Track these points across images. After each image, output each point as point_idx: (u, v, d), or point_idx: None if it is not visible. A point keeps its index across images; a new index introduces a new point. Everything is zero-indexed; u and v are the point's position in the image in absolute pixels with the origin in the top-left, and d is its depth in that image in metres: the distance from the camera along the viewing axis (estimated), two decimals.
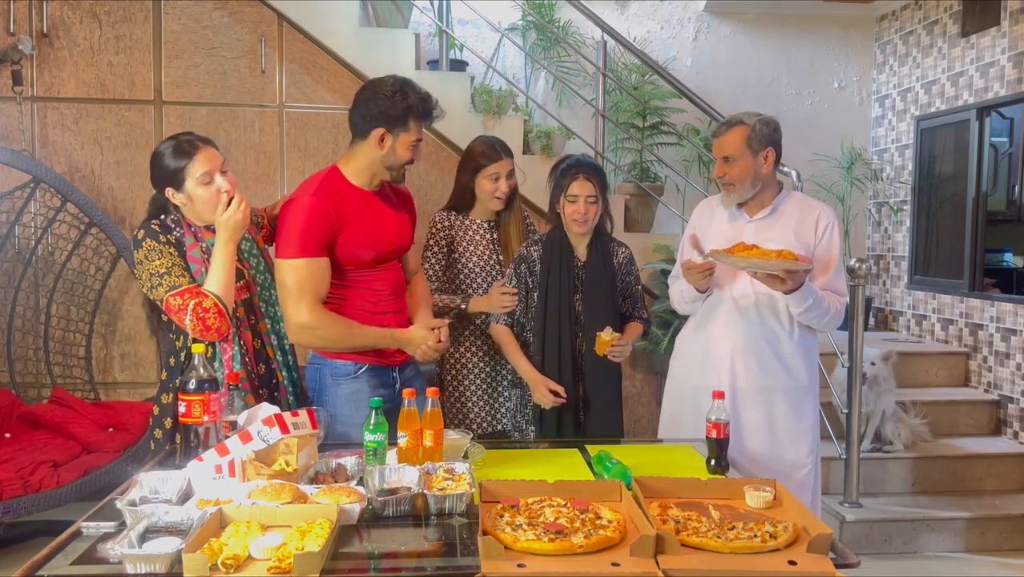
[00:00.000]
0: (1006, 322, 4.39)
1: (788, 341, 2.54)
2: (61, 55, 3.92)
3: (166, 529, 1.56)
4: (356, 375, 2.40)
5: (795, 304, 2.44)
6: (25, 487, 3.11)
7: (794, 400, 2.57)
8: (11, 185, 3.74)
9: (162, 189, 2.24)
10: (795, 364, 2.56)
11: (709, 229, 2.63)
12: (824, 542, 1.52)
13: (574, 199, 2.61)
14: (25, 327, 3.91)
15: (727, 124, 2.56)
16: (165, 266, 2.18)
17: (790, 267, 2.29)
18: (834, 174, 5.30)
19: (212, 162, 2.22)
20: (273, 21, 3.99)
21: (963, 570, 3.57)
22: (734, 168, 2.52)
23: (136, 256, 2.23)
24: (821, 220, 2.54)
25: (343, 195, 2.34)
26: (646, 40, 5.40)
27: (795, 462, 2.57)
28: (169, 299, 2.17)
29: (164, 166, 2.21)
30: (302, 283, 2.26)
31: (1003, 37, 4.48)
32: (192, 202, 2.23)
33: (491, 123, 4.11)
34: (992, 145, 4.88)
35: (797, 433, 2.58)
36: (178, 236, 2.25)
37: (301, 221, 2.27)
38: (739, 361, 2.54)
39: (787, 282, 2.32)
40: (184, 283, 2.17)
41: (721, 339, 2.56)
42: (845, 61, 5.64)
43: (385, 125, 2.32)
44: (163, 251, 2.19)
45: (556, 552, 1.50)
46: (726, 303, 2.57)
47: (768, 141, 2.51)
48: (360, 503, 1.67)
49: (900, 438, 4.03)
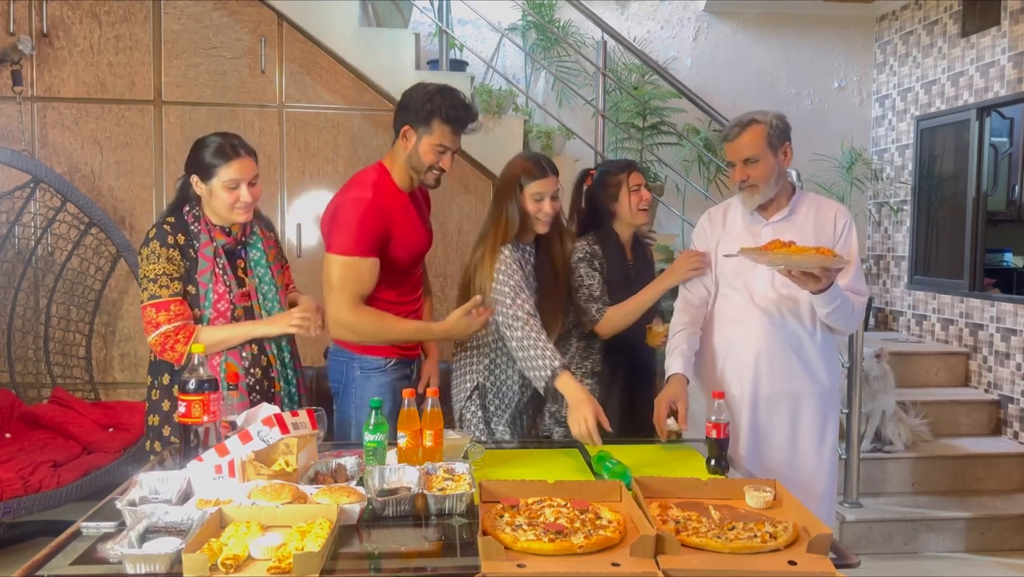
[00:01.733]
0: (1006, 322, 4.39)
1: (811, 344, 2.45)
2: (61, 55, 3.92)
3: (166, 529, 1.56)
4: (386, 369, 2.48)
5: (824, 304, 2.33)
6: (25, 487, 3.11)
7: (818, 406, 2.47)
8: (11, 185, 3.74)
9: (190, 174, 2.30)
10: (818, 368, 2.46)
11: (722, 237, 2.52)
12: (824, 542, 1.52)
13: (636, 189, 2.68)
14: (25, 327, 3.91)
15: (741, 125, 2.42)
16: (155, 272, 2.22)
17: (829, 263, 2.19)
18: (834, 174, 5.31)
19: (244, 172, 2.26)
20: (273, 21, 3.99)
21: (963, 570, 3.57)
22: (757, 169, 2.40)
23: (141, 253, 2.27)
24: (839, 219, 2.46)
25: (392, 196, 2.40)
26: (646, 40, 5.40)
27: (815, 471, 2.47)
28: (147, 307, 2.22)
29: (201, 157, 2.27)
30: (346, 281, 2.32)
31: (1003, 37, 4.48)
32: (211, 199, 2.28)
33: (491, 123, 4.11)
34: (992, 145, 4.88)
35: (820, 441, 2.48)
36: (194, 231, 2.28)
37: (357, 219, 2.31)
38: (763, 366, 2.44)
39: (821, 280, 2.22)
40: (165, 295, 2.21)
41: (743, 344, 2.46)
42: (845, 61, 5.64)
43: (411, 122, 2.36)
44: (160, 255, 2.22)
45: (556, 552, 1.50)
46: (748, 306, 2.46)
47: (784, 136, 2.44)
48: (360, 503, 1.67)
49: (900, 438, 4.03)
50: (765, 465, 2.44)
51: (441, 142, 2.35)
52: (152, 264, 2.22)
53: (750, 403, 2.45)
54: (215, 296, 2.28)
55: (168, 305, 2.21)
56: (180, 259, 2.25)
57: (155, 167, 4.00)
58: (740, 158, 2.42)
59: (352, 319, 2.33)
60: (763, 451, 2.46)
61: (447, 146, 2.36)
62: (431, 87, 2.38)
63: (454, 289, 4.15)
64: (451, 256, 4.16)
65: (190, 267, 2.26)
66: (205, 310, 2.27)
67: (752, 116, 2.44)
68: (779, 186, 2.45)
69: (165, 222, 2.29)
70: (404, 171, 2.43)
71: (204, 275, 2.27)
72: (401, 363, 2.52)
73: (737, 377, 2.47)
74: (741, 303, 2.48)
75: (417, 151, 2.36)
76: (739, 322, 2.48)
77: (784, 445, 2.47)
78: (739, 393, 2.45)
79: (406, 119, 2.36)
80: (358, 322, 2.34)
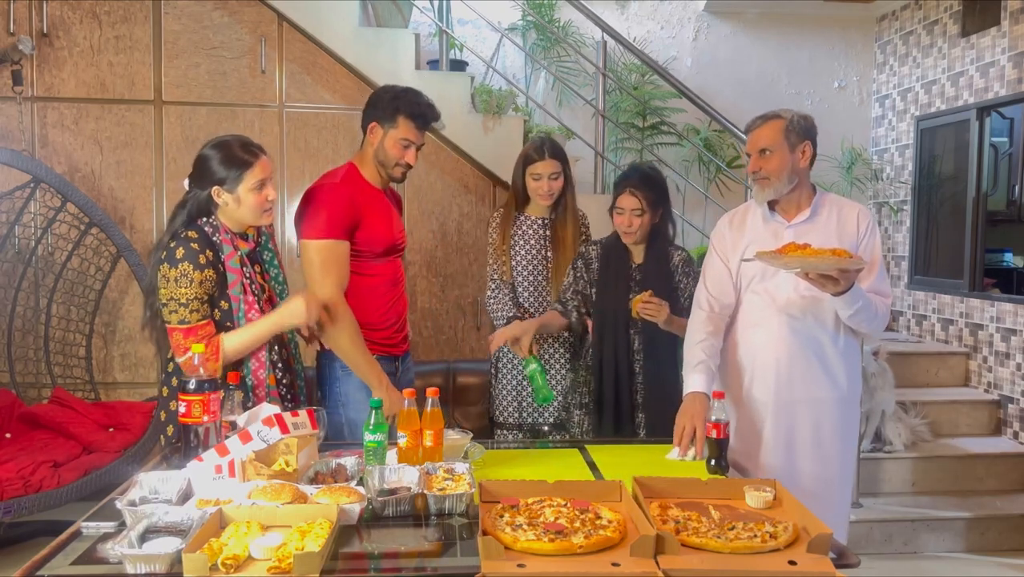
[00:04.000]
0: (1006, 322, 4.39)
1: (833, 349, 2.40)
2: (61, 55, 3.92)
3: (166, 529, 1.56)
4: None
5: (845, 306, 2.29)
6: (25, 487, 3.11)
7: (840, 412, 2.43)
8: (11, 185, 3.74)
9: (209, 187, 2.20)
10: (840, 374, 2.42)
11: (741, 240, 2.48)
12: (824, 542, 1.52)
13: (620, 212, 2.73)
14: (25, 327, 3.91)
15: (763, 118, 2.43)
16: (187, 297, 2.14)
17: (846, 265, 2.15)
18: (834, 174, 5.31)
19: (267, 170, 2.24)
20: (273, 21, 3.99)
21: (963, 570, 3.57)
22: (770, 161, 2.38)
23: (165, 271, 2.15)
24: (861, 220, 2.42)
25: (361, 188, 2.52)
26: (646, 40, 5.40)
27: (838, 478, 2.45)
28: (176, 330, 2.17)
29: (219, 167, 2.18)
30: (327, 264, 2.42)
31: (1003, 37, 4.48)
32: (239, 205, 2.21)
33: (491, 123, 4.11)
34: (992, 145, 4.88)
35: (843, 448, 2.45)
36: (216, 243, 2.21)
37: (327, 205, 2.43)
38: (784, 371, 2.40)
39: (840, 283, 2.18)
40: (194, 320, 2.16)
41: (765, 349, 2.42)
42: (845, 61, 5.64)
43: (377, 119, 2.51)
44: (194, 279, 2.13)
45: (556, 552, 1.50)
46: (769, 310, 2.42)
47: (806, 135, 2.40)
48: (360, 503, 1.67)
49: (900, 438, 4.03)
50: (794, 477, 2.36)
51: (405, 136, 2.49)
52: (184, 288, 2.14)
53: (773, 409, 2.41)
54: (246, 307, 2.24)
55: (196, 330, 2.16)
56: (213, 277, 2.17)
57: (155, 167, 4.00)
58: (756, 148, 2.41)
59: (336, 306, 2.42)
60: (795, 461, 2.41)
61: (411, 140, 2.51)
62: (397, 88, 2.56)
63: (454, 289, 4.18)
64: (451, 256, 4.17)
65: (220, 283, 2.20)
66: (238, 322, 2.22)
67: (776, 111, 2.44)
68: (793, 184, 2.41)
69: (189, 239, 2.16)
70: (372, 167, 2.56)
71: (234, 288, 2.21)
72: (381, 360, 2.56)
73: (762, 382, 2.43)
74: (763, 307, 2.44)
75: (383, 146, 2.51)
76: (761, 326, 2.43)
77: (808, 451, 2.42)
78: (763, 398, 2.42)
79: (373, 116, 2.52)
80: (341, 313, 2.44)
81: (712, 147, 4.95)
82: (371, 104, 2.54)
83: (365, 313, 2.53)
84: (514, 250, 3.02)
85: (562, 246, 2.98)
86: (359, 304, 2.51)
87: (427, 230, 4.11)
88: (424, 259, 4.16)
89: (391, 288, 2.63)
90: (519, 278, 3.01)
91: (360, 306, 2.51)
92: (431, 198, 4.11)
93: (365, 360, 2.48)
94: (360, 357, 2.47)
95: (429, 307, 4.14)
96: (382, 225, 2.54)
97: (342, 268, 2.45)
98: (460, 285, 4.17)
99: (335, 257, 2.43)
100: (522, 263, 3.01)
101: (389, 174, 2.55)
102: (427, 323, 4.12)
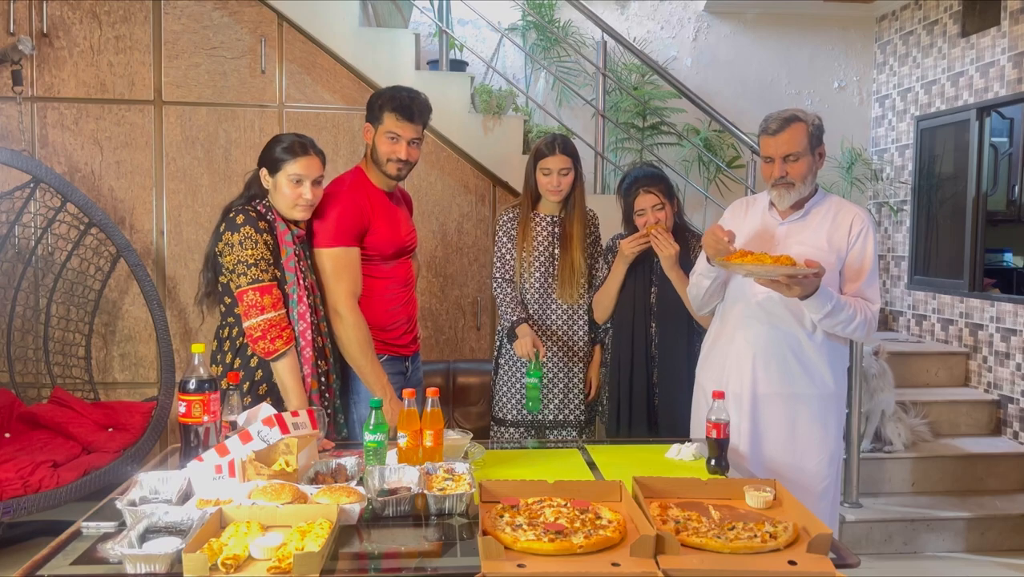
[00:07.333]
0: (1006, 322, 4.39)
1: (811, 346, 2.42)
2: (61, 55, 3.92)
3: (166, 529, 1.56)
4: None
5: (813, 310, 2.31)
6: (25, 487, 3.11)
7: (818, 408, 2.45)
8: (11, 185, 3.74)
9: (260, 168, 2.39)
10: (820, 370, 2.44)
11: (741, 228, 2.52)
12: (824, 542, 1.52)
13: (641, 213, 2.80)
14: (25, 327, 3.90)
15: (783, 120, 2.39)
16: (254, 257, 2.27)
17: (789, 272, 2.18)
18: (834, 174, 5.30)
19: (309, 169, 2.36)
20: (273, 21, 3.99)
21: (963, 570, 3.57)
22: (797, 167, 2.37)
23: (229, 237, 2.29)
24: (855, 225, 2.42)
25: (368, 193, 2.58)
26: (646, 40, 5.40)
27: (816, 472, 2.46)
28: (248, 291, 2.25)
29: (273, 151, 2.37)
30: (339, 271, 2.48)
31: (1003, 37, 4.48)
32: (276, 192, 2.36)
33: (491, 123, 4.11)
34: (992, 145, 4.88)
35: (821, 443, 2.46)
36: (270, 220, 2.35)
37: (336, 213, 2.49)
38: (760, 366, 2.44)
39: (794, 288, 2.21)
40: (266, 279, 2.27)
41: (742, 344, 2.47)
42: (845, 61, 5.64)
43: (369, 120, 2.61)
44: (258, 241, 2.28)
45: (556, 552, 1.50)
46: (747, 307, 2.47)
47: (822, 138, 2.44)
48: (360, 503, 1.67)
49: (900, 438, 4.03)
50: (764, 464, 2.44)
51: (390, 129, 2.54)
52: (250, 250, 2.27)
53: (749, 401, 2.45)
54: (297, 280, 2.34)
55: (271, 289, 2.27)
56: (271, 243, 2.32)
57: (155, 167, 4.00)
58: (780, 154, 2.39)
59: (349, 314, 2.47)
60: (763, 449, 2.46)
61: (397, 133, 2.54)
62: (387, 89, 2.63)
63: (454, 289, 4.18)
64: (451, 256, 4.16)
65: (275, 254, 2.33)
66: (292, 295, 2.33)
67: (794, 113, 2.42)
68: (811, 187, 2.44)
69: (247, 210, 2.33)
70: (375, 169, 2.61)
71: (289, 261, 2.33)
72: (392, 360, 2.62)
73: (737, 374, 2.48)
74: (742, 302, 2.49)
75: (376, 144, 2.58)
76: (740, 321, 2.49)
77: (782, 445, 2.46)
78: (739, 391, 2.46)
79: (367, 119, 2.62)
80: (353, 321, 2.48)
81: (712, 147, 4.95)
82: (366, 108, 2.63)
83: (376, 315, 2.58)
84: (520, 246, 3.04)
85: (570, 244, 2.98)
86: (370, 306, 2.56)
87: (427, 230, 4.11)
88: (424, 259, 4.16)
89: (402, 290, 2.68)
90: (525, 275, 3.03)
91: (371, 308, 2.56)
92: (431, 198, 4.11)
93: (372, 370, 2.50)
94: (368, 366, 2.50)
95: (429, 307, 4.14)
96: (390, 229, 2.60)
97: (354, 274, 2.51)
98: (460, 285, 4.17)
99: (346, 264, 2.49)
100: (528, 259, 3.02)
101: (385, 172, 2.59)
102: (427, 323, 4.12)
